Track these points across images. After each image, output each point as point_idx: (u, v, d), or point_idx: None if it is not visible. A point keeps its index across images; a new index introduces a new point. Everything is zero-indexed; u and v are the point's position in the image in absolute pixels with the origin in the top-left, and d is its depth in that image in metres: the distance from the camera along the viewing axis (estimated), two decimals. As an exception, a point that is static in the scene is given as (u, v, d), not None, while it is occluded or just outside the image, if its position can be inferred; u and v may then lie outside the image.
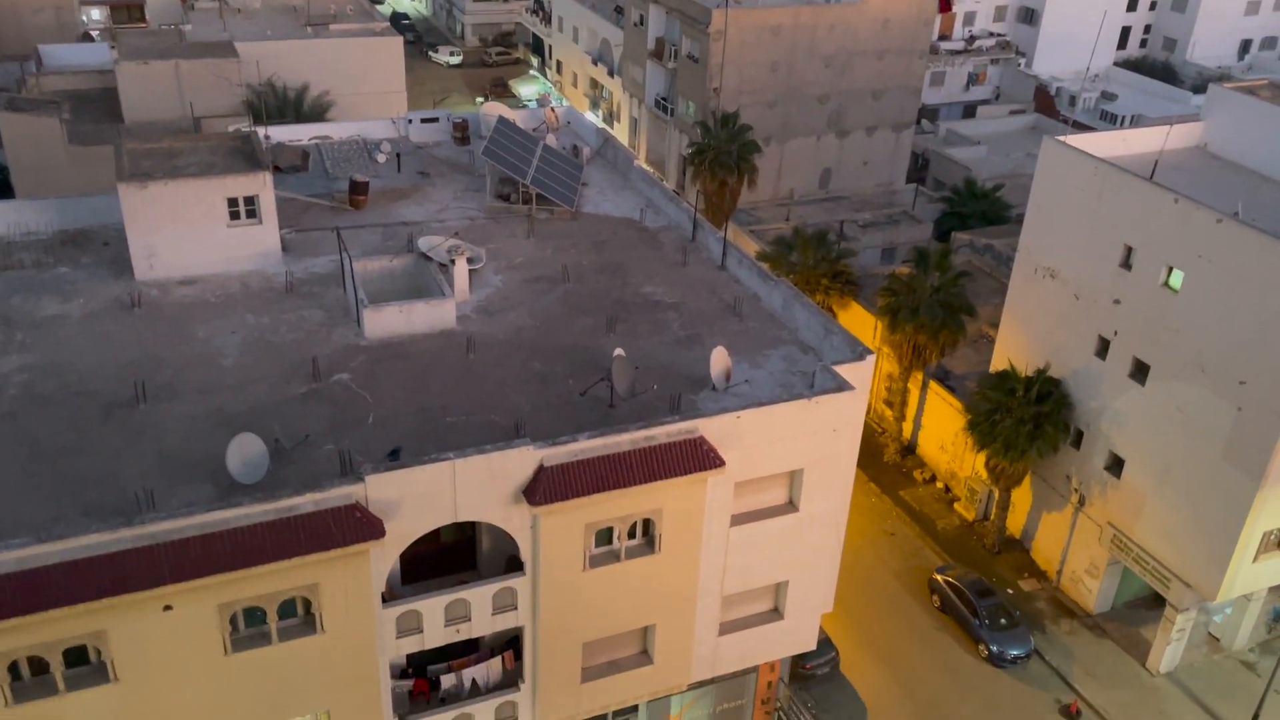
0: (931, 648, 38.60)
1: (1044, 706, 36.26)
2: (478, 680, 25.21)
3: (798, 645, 28.98)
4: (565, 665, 25.35)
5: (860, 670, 37.26)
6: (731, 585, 26.61)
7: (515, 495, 22.59)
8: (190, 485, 21.32)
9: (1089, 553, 39.61)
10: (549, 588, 23.90)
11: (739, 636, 27.72)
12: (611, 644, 26.15)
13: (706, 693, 29.24)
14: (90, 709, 20.45)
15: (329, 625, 21.80)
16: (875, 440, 49.25)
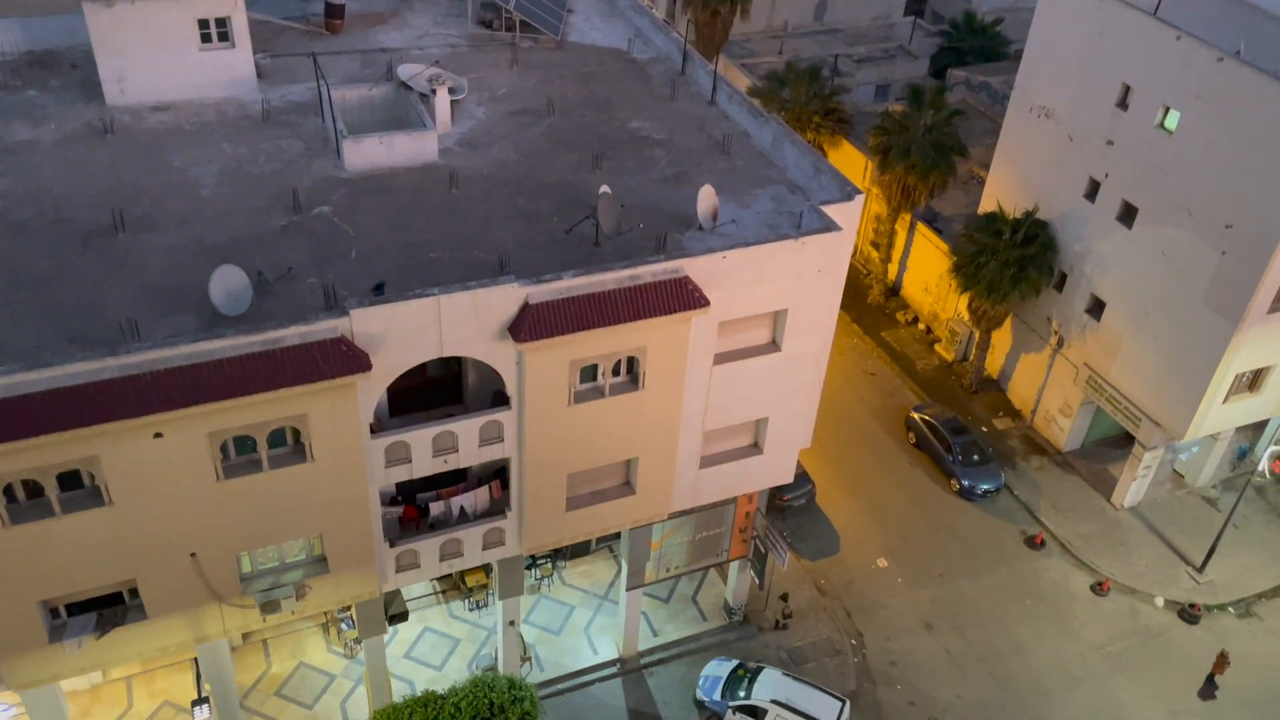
0: (905, 482, 39.91)
1: (1010, 537, 37.86)
2: (466, 508, 26.00)
3: (775, 478, 29.86)
4: (550, 495, 26.12)
5: (835, 503, 38.61)
6: (713, 421, 27.17)
7: (500, 332, 22.70)
8: (174, 316, 21.27)
9: (1063, 393, 40.50)
10: (534, 422, 24.35)
11: (719, 470, 28.51)
12: (595, 475, 26.87)
13: (686, 522, 30.30)
14: (87, 531, 21.06)
15: (319, 454, 22.26)
16: (860, 282, 49.39)
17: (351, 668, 31.08)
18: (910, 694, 32.21)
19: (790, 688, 30.14)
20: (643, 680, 31.85)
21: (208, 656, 25.70)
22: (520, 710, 26.40)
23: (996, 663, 33.30)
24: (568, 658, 32.15)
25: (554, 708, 30.50)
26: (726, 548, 31.90)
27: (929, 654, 33.47)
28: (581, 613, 33.55)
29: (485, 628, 32.63)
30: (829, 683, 31.67)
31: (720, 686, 30.62)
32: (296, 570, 24.42)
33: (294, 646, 31.59)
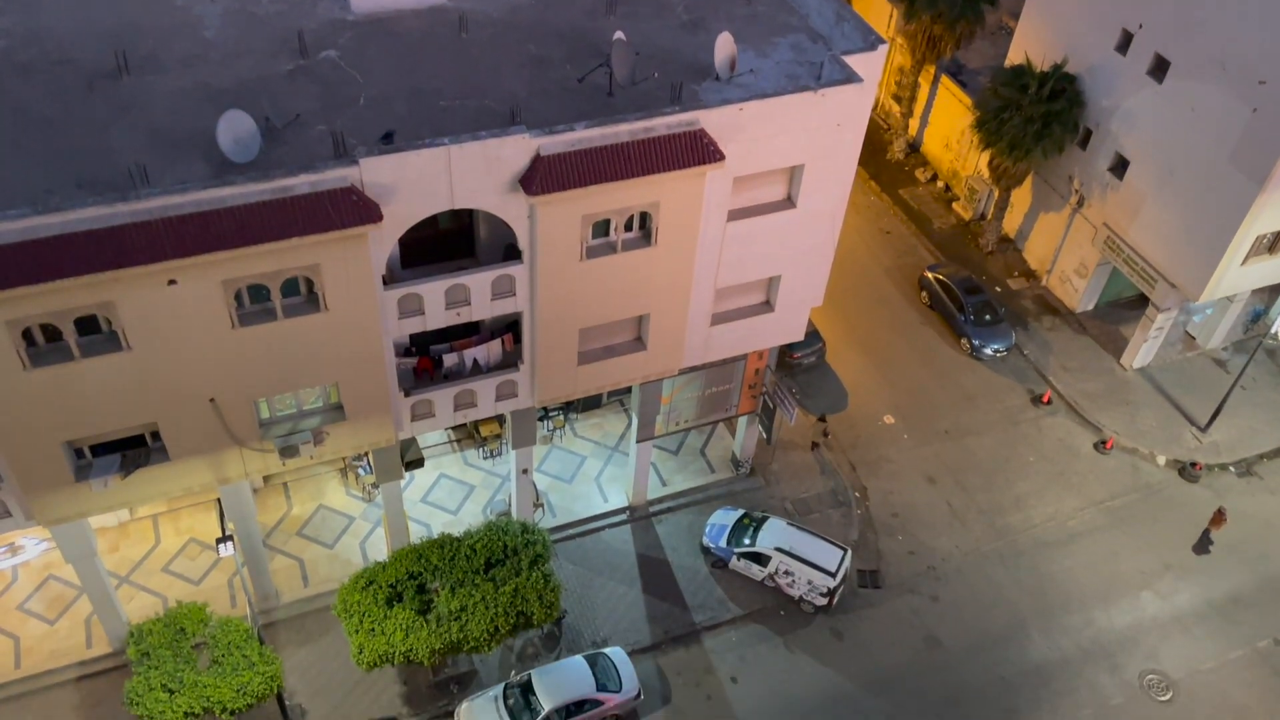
0: (916, 341, 40.05)
1: (1017, 396, 38.23)
2: (479, 360, 26.29)
3: (786, 336, 29.99)
4: (562, 349, 26.35)
5: (845, 360, 38.88)
6: (725, 279, 27.09)
7: (512, 184, 22.42)
8: (183, 162, 21.03)
9: (1080, 253, 40.11)
10: (546, 276, 24.33)
11: (730, 327, 28.61)
12: (607, 330, 27.03)
13: (696, 378, 30.63)
14: (107, 375, 21.45)
15: (332, 305, 22.39)
16: (880, 137, 48.30)
17: (370, 510, 32.14)
18: (910, 544, 33.22)
19: (794, 536, 31.08)
20: (651, 527, 32.87)
21: (230, 497, 26.56)
22: (533, 553, 27.43)
23: (996, 515, 34.18)
24: (579, 505, 33.12)
25: (565, 551, 31.64)
26: (735, 403, 32.34)
27: (930, 507, 34.34)
28: (592, 463, 34.36)
29: (499, 475, 33.52)
30: (832, 533, 32.64)
31: (726, 534, 31.61)
32: (314, 417, 24.94)
33: (314, 489, 32.59)
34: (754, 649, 30.12)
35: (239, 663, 25.03)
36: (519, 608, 26.50)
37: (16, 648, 28.10)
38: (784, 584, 30.95)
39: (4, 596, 29.12)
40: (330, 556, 30.94)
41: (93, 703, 27.19)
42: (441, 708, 28.09)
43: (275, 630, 28.95)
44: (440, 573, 26.87)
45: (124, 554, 30.33)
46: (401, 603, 26.43)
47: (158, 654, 24.89)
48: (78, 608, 28.92)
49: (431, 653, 25.87)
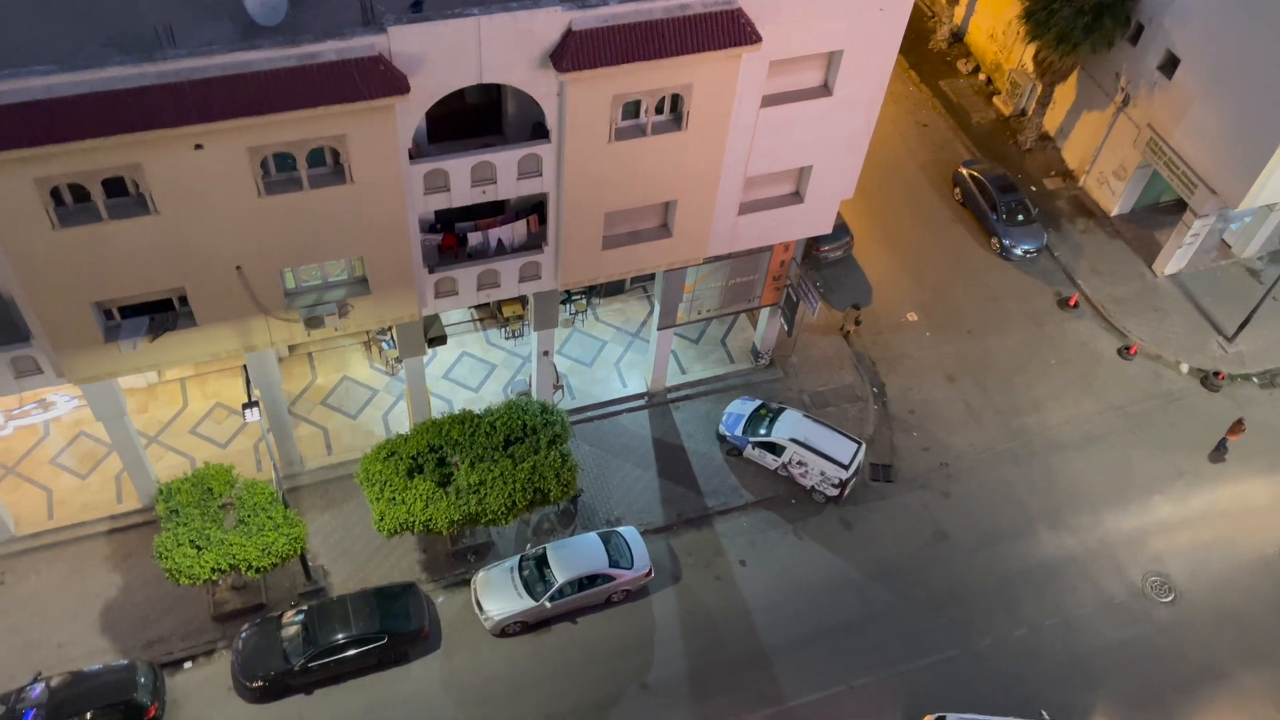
0: (945, 239, 39.55)
1: (1044, 298, 37.89)
2: (503, 240, 26.21)
3: (814, 228, 29.65)
4: (587, 232, 26.19)
5: (872, 255, 38.52)
6: (755, 167, 26.66)
7: (542, 59, 21.93)
8: (209, 23, 20.63)
9: (1120, 155, 39.11)
10: (574, 157, 24.00)
11: (757, 217, 28.29)
12: (633, 215, 26.80)
13: (721, 267, 30.46)
14: (134, 238, 21.56)
15: (358, 177, 22.25)
16: (923, 25, 46.70)
17: (393, 384, 32.62)
18: (925, 440, 33.50)
19: (809, 428, 31.38)
20: (668, 413, 33.25)
21: (256, 364, 26.97)
22: (551, 433, 27.87)
23: (1013, 416, 34.30)
24: (598, 388, 33.47)
25: (583, 433, 32.12)
26: (759, 294, 32.23)
27: (948, 404, 34.48)
28: (613, 348, 34.55)
29: (520, 356, 33.81)
30: (848, 427, 32.92)
31: (743, 423, 31.94)
32: (339, 289, 25.09)
33: (338, 361, 33.04)
34: (764, 534, 30.78)
35: (264, 524, 25.85)
36: (536, 485, 27.09)
37: (49, 500, 29.10)
38: (797, 474, 31.41)
39: (36, 450, 30.01)
40: (353, 426, 31.56)
41: (123, 554, 28.28)
42: (459, 576, 29.04)
43: (299, 495, 29.78)
44: (460, 447, 27.41)
45: (152, 415, 31.05)
46: (422, 474, 27.06)
47: (186, 512, 25.73)
48: (108, 464, 29.80)
49: (450, 523, 26.60)
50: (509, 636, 28.00)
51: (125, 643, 26.77)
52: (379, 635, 26.45)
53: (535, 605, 27.59)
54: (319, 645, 26.04)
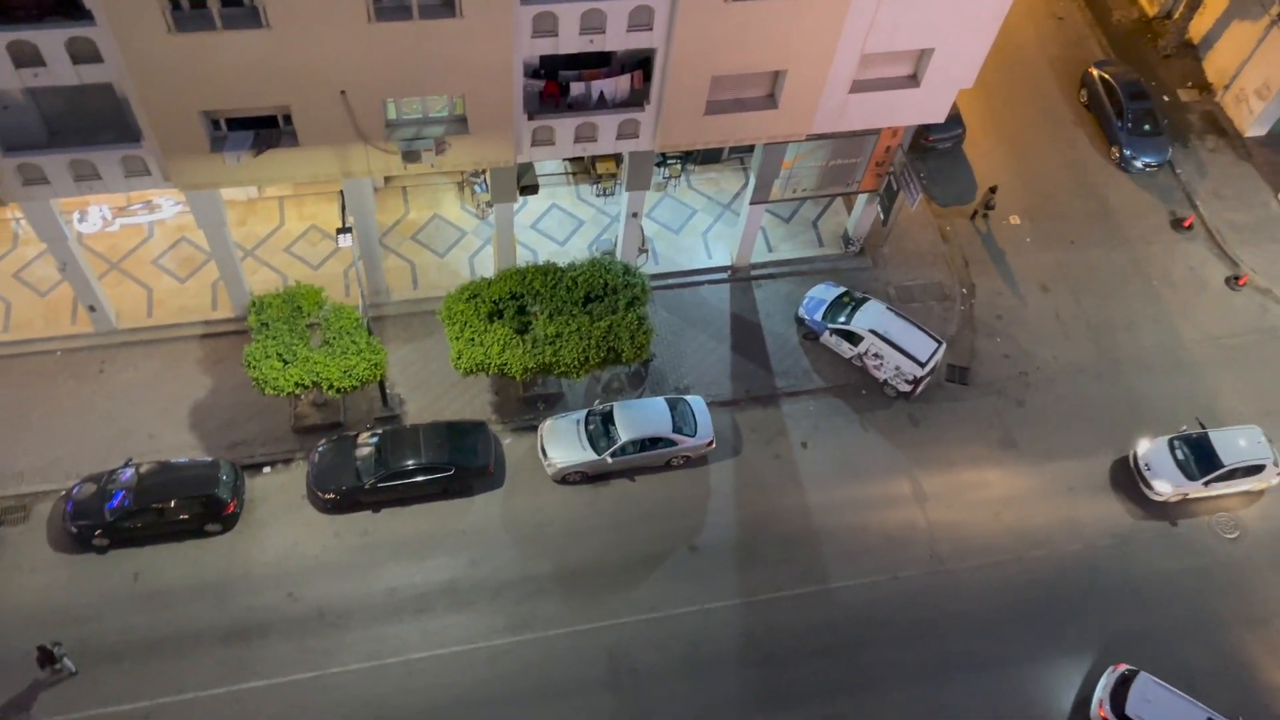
0: (1063, 142, 37.81)
1: (1158, 216, 36.27)
2: (605, 93, 25.81)
3: (926, 116, 28.54)
4: (691, 94, 25.62)
5: (983, 151, 37.07)
6: (874, 44, 25.58)
7: (667, -96, 21.08)
8: None
9: (1266, 72, 36.54)
10: (687, 13, 23.28)
11: (869, 97, 27.31)
12: (740, 82, 26.09)
13: (823, 146, 29.65)
14: (245, 50, 21.78)
15: (467, 11, 21.97)
16: (1076, -93, 43.51)
17: (481, 228, 32.93)
18: (1009, 348, 32.87)
19: (891, 321, 30.98)
20: (750, 290, 33.08)
21: (352, 191, 27.42)
22: (631, 294, 28.03)
23: (1104, 333, 33.37)
24: (682, 256, 33.34)
25: (662, 298, 32.22)
26: (859, 179, 31.40)
27: (1038, 314, 33.64)
28: (702, 218, 34.22)
29: (609, 214, 33.73)
30: (931, 325, 32.41)
31: (824, 309, 31.65)
32: (438, 126, 25.14)
33: (431, 198, 33.39)
34: (829, 420, 30.88)
35: (348, 347, 26.76)
36: (610, 344, 27.43)
37: (150, 298, 30.44)
38: (871, 365, 31.22)
39: (140, 250, 31.25)
40: (440, 265, 32.11)
41: (214, 359, 29.65)
42: (527, 421, 29.87)
43: (383, 324, 30.65)
44: (541, 298, 27.76)
45: (250, 229, 31.96)
46: (501, 319, 27.58)
47: (275, 326, 26.73)
48: (206, 271, 30.94)
49: (524, 370, 27.21)
50: (568, 484, 28.92)
51: (211, 442, 28.35)
52: (446, 466, 27.52)
53: (597, 459, 28.34)
54: (390, 468, 27.24)
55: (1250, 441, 29.80)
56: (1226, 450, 29.54)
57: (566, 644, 26.50)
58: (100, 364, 29.30)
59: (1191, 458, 29.62)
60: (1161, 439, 30.22)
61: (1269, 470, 29.62)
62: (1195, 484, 29.31)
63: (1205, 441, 29.82)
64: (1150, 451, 30.07)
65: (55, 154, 23.66)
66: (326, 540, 27.38)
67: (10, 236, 30.96)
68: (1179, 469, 29.49)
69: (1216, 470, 29.25)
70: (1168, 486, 29.39)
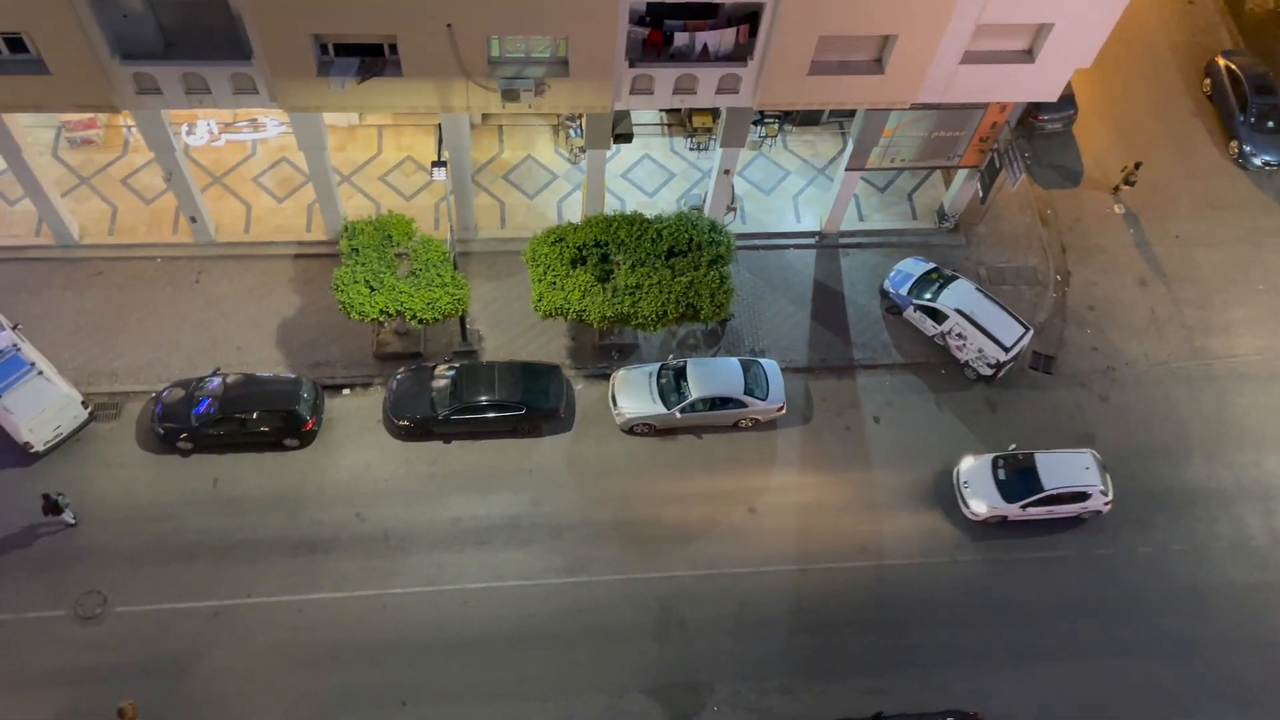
0: (1179, 132, 36.32)
1: (1271, 217, 34.78)
2: (709, 45, 25.49)
3: (1038, 94, 27.62)
4: (796, 52, 25.17)
5: (1092, 134, 35.82)
6: (992, 14, 24.77)
7: None
8: None
9: None
10: (801, -32, 22.85)
11: (980, 70, 26.51)
12: (848, 44, 25.53)
13: (927, 116, 28.93)
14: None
15: (579, -47, 21.87)
16: (1221, -115, 41.28)
17: (572, 173, 32.99)
18: (1097, 340, 31.97)
19: (978, 302, 30.31)
20: (836, 258, 32.65)
21: (450, 125, 27.66)
22: (715, 252, 27.90)
23: (1200, 334, 32.22)
24: (771, 218, 33.01)
25: (745, 259, 32.00)
26: (960, 153, 30.62)
27: (1132, 308, 32.60)
28: (795, 180, 33.77)
29: (701, 170, 33.48)
30: (1020, 310, 31.64)
31: (910, 283, 31.11)
32: (539, 67, 25.16)
33: (525, 139, 33.52)
34: (904, 397, 30.49)
35: (433, 279, 27.18)
36: (690, 300, 27.39)
37: (248, 215, 31.26)
38: (954, 345, 30.66)
39: (242, 167, 32.04)
40: (528, 206, 32.31)
41: (305, 279, 30.40)
42: (600, 369, 30.09)
43: (468, 260, 31.04)
44: (625, 248, 27.80)
45: (348, 155, 32.50)
46: (584, 266, 27.71)
47: (365, 253, 27.26)
48: (303, 193, 31.62)
49: (601, 318, 27.36)
50: (635, 435, 29.13)
51: (295, 359, 29.17)
52: (518, 405, 27.94)
53: (666, 413, 28.46)
54: (463, 401, 27.75)
55: (1078, 467, 28.10)
56: (1050, 474, 27.84)
57: (619, 591, 26.89)
58: (197, 274, 30.27)
59: (1012, 479, 28.03)
60: (986, 456, 28.64)
61: (1095, 498, 28.05)
62: (1013, 507, 27.76)
63: (1030, 463, 28.16)
64: (972, 469, 28.54)
65: (169, 65, 24.29)
66: (397, 466, 28.09)
67: (121, 143, 31.99)
68: (998, 489, 27.94)
69: (1036, 494, 27.68)
70: (983, 507, 27.93)
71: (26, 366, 26.43)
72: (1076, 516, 28.49)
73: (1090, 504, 28.06)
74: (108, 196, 31.08)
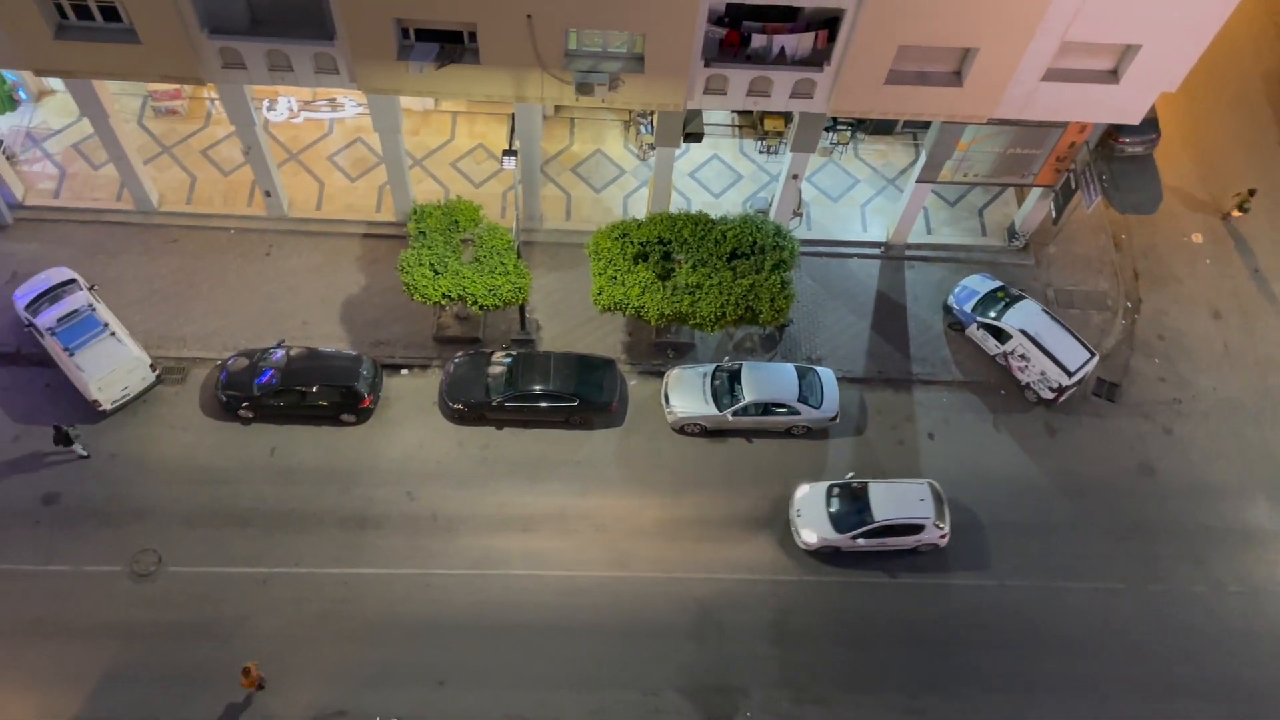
0: (1264, 163, 35.30)
1: (1356, 259, 33.62)
2: (786, 49, 25.36)
3: (1121, 115, 27.05)
4: (875, 60, 24.94)
5: (1174, 160, 34.98)
6: (1078, 31, 24.29)
7: None
8: None
9: None
10: (885, -25, 22.63)
11: (1062, 87, 26.02)
12: (927, 55, 25.24)
13: (1004, 132, 28.47)
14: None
15: (662, -50, 21.89)
16: (1328, -90, 40.02)
17: (640, 169, 33.06)
18: (1166, 371, 31.22)
19: (1044, 324, 29.76)
20: (900, 270, 32.30)
21: (523, 116, 27.89)
22: (778, 256, 27.78)
23: (1273, 372, 31.30)
24: (837, 226, 32.74)
25: (809, 265, 31.80)
26: (1036, 171, 30.08)
27: (1204, 340, 31.77)
28: (864, 189, 33.47)
29: (769, 173, 33.34)
30: (1087, 334, 31.01)
31: (975, 301, 30.65)
32: (615, 62, 25.25)
33: (596, 133, 33.66)
34: (961, 415, 30.08)
35: (496, 266, 27.45)
36: (750, 303, 27.31)
37: (321, 192, 31.83)
38: (1016, 366, 30.16)
39: (318, 145, 32.63)
40: (594, 200, 32.45)
41: (371, 259, 30.88)
42: (655, 366, 30.13)
43: (531, 250, 31.27)
44: (687, 247, 27.80)
45: (421, 140, 32.93)
46: (646, 262, 27.77)
47: (432, 236, 27.61)
48: (375, 174, 32.11)
49: (659, 315, 27.40)
50: (686, 435, 29.13)
51: (357, 337, 29.65)
52: (572, 397, 28.09)
53: (718, 414, 28.41)
54: (518, 389, 27.98)
55: (912, 498, 27.15)
56: (882, 505, 26.96)
57: (659, 588, 26.92)
58: (268, 247, 30.91)
59: (845, 509, 27.17)
60: (821, 484, 27.85)
61: (929, 531, 27.00)
62: (843, 537, 26.89)
63: (864, 493, 27.32)
64: (806, 496, 27.67)
65: (255, 42, 24.82)
66: (450, 448, 28.42)
67: (204, 115, 32.78)
68: (829, 519, 27.12)
69: (866, 525, 26.79)
70: (814, 537, 27.11)
71: (100, 327, 27.26)
72: (914, 549, 27.65)
73: (924, 537, 27.12)
74: (188, 166, 31.87)
